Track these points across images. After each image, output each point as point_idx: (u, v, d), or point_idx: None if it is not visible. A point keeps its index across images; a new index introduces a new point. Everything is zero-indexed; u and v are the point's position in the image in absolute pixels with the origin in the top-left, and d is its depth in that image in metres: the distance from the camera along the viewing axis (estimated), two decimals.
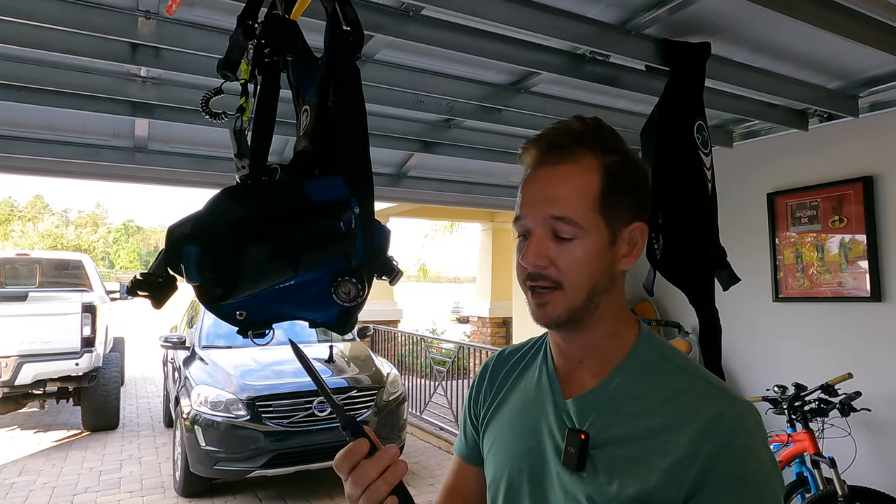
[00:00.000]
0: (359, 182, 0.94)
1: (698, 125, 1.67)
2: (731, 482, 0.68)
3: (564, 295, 0.76)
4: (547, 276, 0.76)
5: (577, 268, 0.75)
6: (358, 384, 5.03)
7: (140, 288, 0.80)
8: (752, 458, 0.69)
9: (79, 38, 1.60)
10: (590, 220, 0.75)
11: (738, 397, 0.74)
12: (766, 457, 0.70)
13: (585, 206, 0.75)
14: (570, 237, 0.75)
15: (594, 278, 0.76)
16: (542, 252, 0.76)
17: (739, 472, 0.68)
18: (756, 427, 0.71)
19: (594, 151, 0.78)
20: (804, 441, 2.53)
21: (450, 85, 2.05)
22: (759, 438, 0.71)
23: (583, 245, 0.75)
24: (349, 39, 1.03)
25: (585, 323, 0.78)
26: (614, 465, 0.73)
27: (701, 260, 1.61)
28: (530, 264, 0.76)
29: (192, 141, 2.60)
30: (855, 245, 2.64)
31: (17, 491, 4.99)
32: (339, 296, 0.88)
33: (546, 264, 0.76)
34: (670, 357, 0.80)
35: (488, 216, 9.71)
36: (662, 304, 3.45)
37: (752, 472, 0.69)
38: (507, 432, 0.87)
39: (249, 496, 4.80)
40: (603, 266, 0.77)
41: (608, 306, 0.79)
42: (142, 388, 9.75)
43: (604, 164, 0.77)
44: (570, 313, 0.76)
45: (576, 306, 0.76)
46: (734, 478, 0.68)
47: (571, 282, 0.75)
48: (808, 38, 1.82)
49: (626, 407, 0.76)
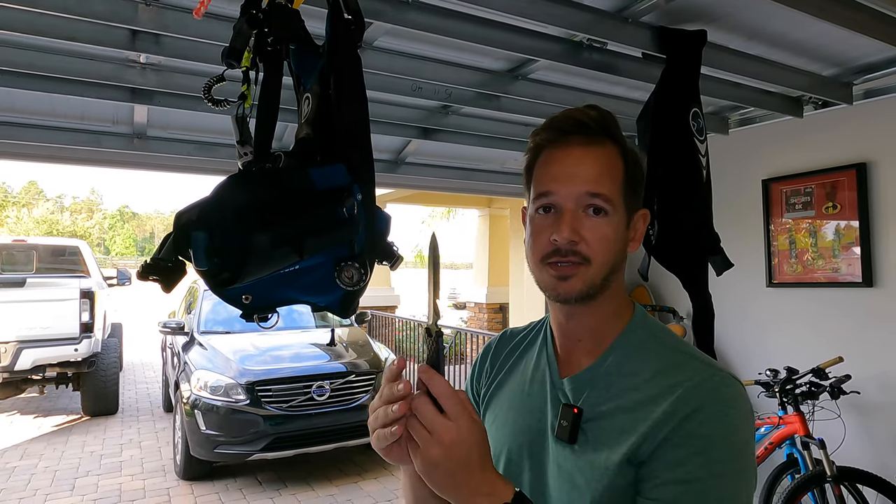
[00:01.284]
0: (360, 169, 0.96)
1: (693, 112, 1.68)
2: (694, 440, 0.69)
3: (589, 270, 0.78)
4: (577, 252, 0.78)
5: (605, 245, 0.79)
6: (356, 369, 5.08)
7: (150, 273, 0.82)
8: (721, 424, 0.70)
9: (79, 24, 1.60)
10: (617, 200, 0.80)
11: (723, 371, 0.77)
12: (739, 426, 0.71)
13: (615, 186, 0.80)
14: (605, 214, 0.79)
15: (614, 256, 0.81)
16: (577, 227, 0.78)
17: (705, 433, 0.70)
18: (735, 398, 0.73)
19: (613, 139, 0.83)
20: (795, 423, 2.58)
21: (448, 72, 2.06)
22: (736, 408, 0.72)
23: (611, 224, 0.79)
24: (350, 28, 1.05)
25: (597, 300, 0.81)
26: (604, 437, 0.76)
27: (695, 246, 1.63)
28: (565, 238, 0.77)
29: (191, 127, 2.60)
30: (848, 231, 2.68)
31: (18, 475, 5.04)
32: (342, 280, 0.91)
33: (578, 239, 0.78)
34: (662, 337, 0.83)
35: (485, 202, 9.72)
36: (657, 289, 3.49)
37: (719, 436, 0.70)
38: (506, 411, 0.91)
39: (249, 479, 4.87)
40: (620, 246, 0.82)
41: (617, 287, 0.83)
42: (140, 373, 9.81)
43: (623, 152, 0.83)
44: (590, 289, 0.79)
45: (595, 283, 0.79)
46: (699, 436, 0.69)
47: (598, 258, 0.79)
48: (804, 26, 1.83)
49: (617, 383, 0.79)
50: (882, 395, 2.51)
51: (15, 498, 4.54)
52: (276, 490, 4.66)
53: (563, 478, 0.78)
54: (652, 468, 0.71)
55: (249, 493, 4.60)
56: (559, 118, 0.83)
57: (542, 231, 0.80)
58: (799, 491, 2.45)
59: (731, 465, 0.69)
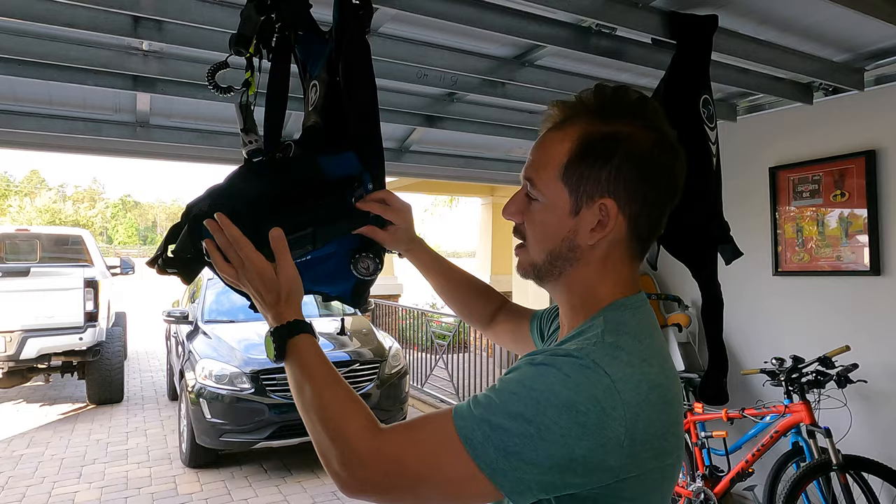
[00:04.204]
0: (371, 157, 0.95)
1: (704, 99, 1.66)
2: (504, 377, 0.67)
3: (527, 251, 0.81)
4: (519, 231, 0.82)
5: (534, 228, 0.79)
6: (360, 357, 5.08)
7: (170, 265, 0.81)
8: (536, 374, 0.65)
9: (79, 10, 1.58)
10: (550, 186, 0.76)
11: (608, 342, 0.69)
12: (558, 377, 0.64)
13: (549, 172, 0.77)
14: (534, 198, 0.79)
15: (549, 243, 0.78)
16: (515, 208, 0.81)
17: (516, 377, 0.66)
18: (578, 369, 0.64)
19: (587, 121, 0.76)
20: (800, 412, 2.58)
21: (453, 58, 2.03)
22: (568, 370, 0.64)
23: (545, 209, 0.78)
24: (358, 14, 1.03)
25: (551, 283, 0.81)
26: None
27: (705, 234, 1.61)
28: (505, 215, 0.83)
29: (195, 115, 2.58)
30: (855, 219, 2.66)
31: (25, 462, 5.08)
32: (358, 271, 0.91)
33: (518, 220, 0.81)
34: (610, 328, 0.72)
35: (488, 191, 9.68)
36: (663, 278, 3.48)
37: (528, 381, 0.65)
38: None
39: (255, 467, 4.90)
40: (560, 234, 0.76)
41: (579, 277, 0.77)
42: (144, 362, 9.85)
43: (584, 134, 0.75)
44: (534, 269, 0.81)
45: (537, 264, 0.80)
46: (509, 380, 0.67)
47: (530, 240, 0.80)
48: (816, 10, 1.80)
49: None
50: (889, 383, 2.51)
51: (22, 485, 4.58)
52: (281, 478, 4.69)
53: None
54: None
55: (255, 480, 4.63)
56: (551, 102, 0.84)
57: None
58: (804, 479, 2.45)
59: (521, 388, 0.65)
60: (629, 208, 0.75)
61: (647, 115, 0.76)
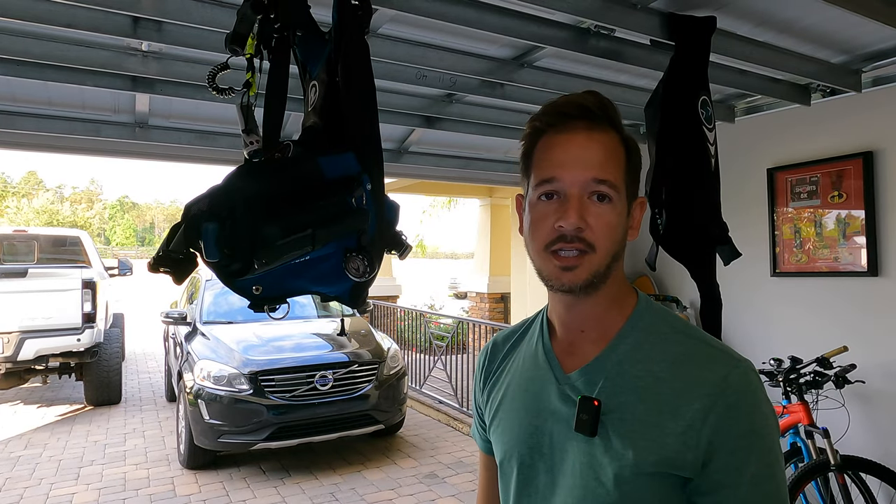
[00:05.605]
0: (369, 157, 0.95)
1: (702, 100, 1.66)
2: (744, 440, 0.71)
3: (594, 258, 0.77)
4: (583, 238, 0.76)
5: (609, 232, 0.77)
6: (359, 359, 5.08)
7: (162, 265, 0.81)
8: (759, 414, 0.73)
9: (79, 11, 1.58)
10: (621, 188, 0.79)
11: (739, 358, 0.77)
12: (769, 410, 0.75)
13: (619, 173, 0.78)
14: (609, 200, 0.77)
15: (617, 244, 0.79)
16: (583, 213, 0.76)
17: (750, 428, 0.72)
18: (758, 384, 0.75)
19: (614, 126, 0.80)
20: (799, 412, 2.58)
21: (453, 59, 2.04)
22: (762, 393, 0.75)
23: (615, 211, 0.78)
24: (357, 14, 1.03)
25: (600, 288, 0.80)
26: (626, 430, 0.74)
27: (703, 235, 1.62)
28: (572, 224, 0.75)
29: (194, 116, 2.58)
30: (853, 220, 2.66)
31: (23, 464, 5.07)
32: (349, 271, 0.90)
33: (584, 226, 0.76)
34: (670, 321, 0.82)
35: (486, 192, 9.69)
36: (661, 279, 3.48)
37: (761, 425, 0.73)
38: (510, 413, 0.88)
39: (253, 468, 4.89)
40: (622, 234, 0.80)
41: (617, 274, 0.82)
42: (142, 363, 9.83)
43: (624, 139, 0.81)
44: (594, 277, 0.77)
45: (600, 270, 0.78)
46: (747, 435, 0.71)
47: (602, 245, 0.77)
48: (814, 12, 1.81)
49: (632, 371, 0.77)
50: (886, 384, 2.51)
51: (20, 487, 4.56)
52: (279, 479, 4.68)
53: (588, 474, 0.76)
54: (712, 479, 0.71)
55: (253, 482, 4.62)
56: (560, 102, 0.81)
57: (545, 217, 0.78)
58: (802, 480, 2.45)
59: (776, 448, 0.73)
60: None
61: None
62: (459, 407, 6.23)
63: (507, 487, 0.87)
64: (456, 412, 6.21)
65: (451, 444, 5.54)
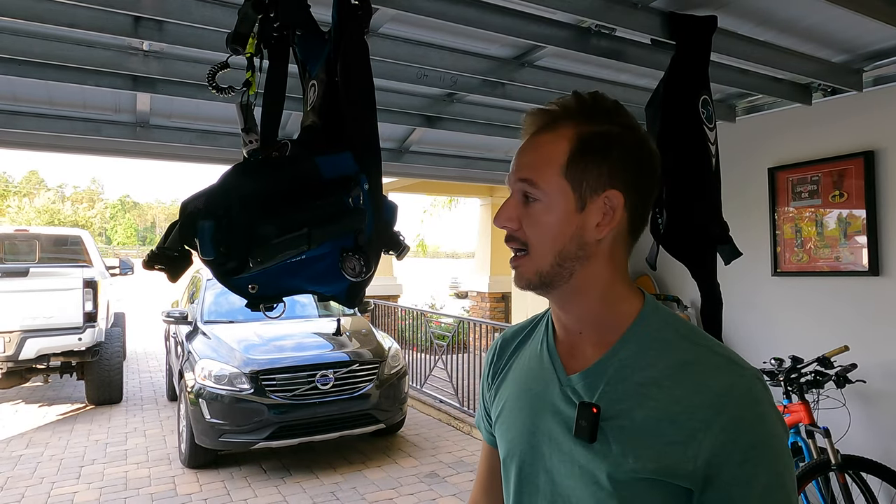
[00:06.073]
0: (367, 157, 0.95)
1: (703, 100, 1.66)
2: (752, 451, 0.69)
3: (531, 258, 0.78)
4: (516, 238, 0.79)
5: (540, 231, 0.78)
6: (360, 358, 5.08)
7: (156, 262, 0.81)
8: (766, 423, 0.71)
9: (80, 10, 1.58)
10: (553, 183, 0.77)
11: (744, 366, 0.75)
12: (776, 418, 0.73)
13: (551, 170, 0.77)
14: (535, 199, 0.77)
15: (558, 243, 0.77)
16: (511, 214, 0.79)
17: (758, 439, 0.70)
18: (764, 393, 0.73)
19: (576, 122, 0.78)
20: (799, 412, 2.58)
21: (453, 59, 2.03)
22: (769, 403, 0.73)
23: (548, 209, 0.77)
24: (357, 14, 1.03)
25: (562, 288, 0.79)
26: (626, 437, 0.73)
27: (704, 235, 1.62)
28: (500, 224, 0.80)
29: (195, 116, 2.58)
30: (854, 220, 2.66)
31: (24, 463, 5.08)
32: (345, 271, 0.90)
33: (515, 226, 0.79)
34: (675, 326, 0.79)
35: (487, 191, 9.69)
36: (662, 278, 3.48)
37: (768, 434, 0.71)
38: (514, 410, 0.88)
39: (254, 467, 4.90)
40: (569, 232, 0.77)
41: (590, 275, 0.79)
42: (143, 362, 9.84)
43: (578, 133, 0.77)
44: (540, 277, 0.78)
45: (544, 270, 0.78)
46: (755, 446, 0.69)
47: (535, 245, 0.78)
48: (815, 11, 1.80)
49: (633, 377, 0.76)
50: (887, 383, 2.51)
51: (21, 486, 4.57)
52: (280, 478, 4.69)
53: (587, 477, 0.75)
54: (723, 493, 0.70)
55: (254, 481, 4.63)
56: (532, 110, 0.83)
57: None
58: (803, 479, 2.45)
59: (784, 456, 0.72)
60: (629, 200, 0.78)
61: (626, 117, 0.80)
62: (460, 406, 6.24)
63: (508, 484, 0.87)
64: (457, 412, 6.21)
65: (452, 444, 5.54)
